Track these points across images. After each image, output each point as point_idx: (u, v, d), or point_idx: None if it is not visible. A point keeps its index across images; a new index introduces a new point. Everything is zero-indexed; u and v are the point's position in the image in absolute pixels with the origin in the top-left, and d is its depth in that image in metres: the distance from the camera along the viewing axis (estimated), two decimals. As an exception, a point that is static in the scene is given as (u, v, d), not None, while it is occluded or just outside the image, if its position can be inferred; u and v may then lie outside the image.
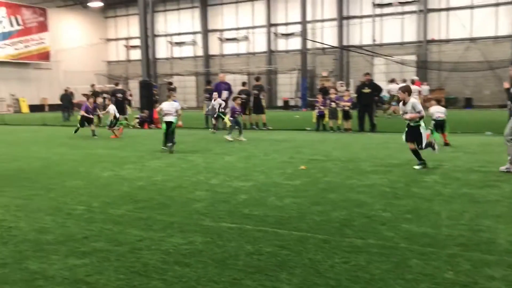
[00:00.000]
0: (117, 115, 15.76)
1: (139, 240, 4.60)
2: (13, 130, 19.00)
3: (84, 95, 19.43)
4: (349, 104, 15.71)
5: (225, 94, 17.21)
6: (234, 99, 15.20)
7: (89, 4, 43.10)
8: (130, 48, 45.88)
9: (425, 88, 27.25)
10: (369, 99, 15.70)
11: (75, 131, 15.53)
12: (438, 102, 12.33)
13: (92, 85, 24.42)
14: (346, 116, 15.77)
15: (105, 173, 8.48)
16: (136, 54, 43.66)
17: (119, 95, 19.88)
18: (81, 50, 43.69)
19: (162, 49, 43.95)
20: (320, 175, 7.91)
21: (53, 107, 37.17)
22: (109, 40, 47.56)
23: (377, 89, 16.15)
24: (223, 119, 15.26)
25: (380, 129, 15.63)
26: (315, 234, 4.70)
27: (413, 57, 33.35)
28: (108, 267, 3.91)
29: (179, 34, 43.49)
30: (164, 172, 8.47)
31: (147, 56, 20.71)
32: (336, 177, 7.73)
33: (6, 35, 37.84)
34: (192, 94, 42.61)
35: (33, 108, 37.94)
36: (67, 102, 26.07)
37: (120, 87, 21.78)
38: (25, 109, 38.38)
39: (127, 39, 46.14)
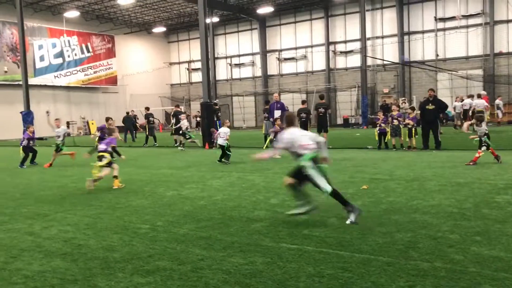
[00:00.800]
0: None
1: (200, 259, 4.66)
2: (83, 151, 20.02)
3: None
4: (412, 122, 15.25)
5: (277, 113, 17.30)
6: (275, 120, 15.71)
7: (153, 30, 45.18)
8: (192, 70, 47.36)
9: (499, 102, 26.13)
10: (433, 116, 15.17)
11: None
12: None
13: (177, 106, 24.93)
14: (410, 133, 15.31)
15: (169, 192, 8.72)
16: (197, 77, 45.04)
17: (151, 118, 22.93)
18: (146, 74, 45.66)
19: (222, 71, 44.98)
20: (383, 195, 7.70)
21: (120, 129, 38.86)
22: (172, 63, 49.36)
23: (441, 105, 15.57)
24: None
25: (445, 147, 15.03)
26: (378, 257, 4.55)
27: (479, 71, 31.98)
28: (171, 286, 3.99)
29: (238, 55, 44.38)
30: (225, 192, 8.58)
31: (208, 78, 21.25)
32: (399, 197, 7.49)
33: (78, 62, 40.31)
34: (251, 114, 43.15)
35: (102, 130, 39.80)
36: (129, 124, 26.87)
37: (179, 109, 22.92)
38: (94, 131, 40.43)
39: (188, 62, 47.68)
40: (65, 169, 13.13)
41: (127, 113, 28.27)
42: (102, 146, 9.91)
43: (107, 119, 15.14)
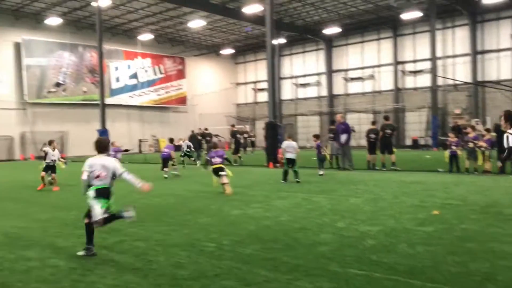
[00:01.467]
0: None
1: (266, 281, 4.66)
2: (153, 168, 20.79)
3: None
4: (485, 144, 14.48)
5: (343, 138, 17.01)
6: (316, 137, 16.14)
7: (221, 52, 46.50)
8: (258, 91, 48.05)
9: None
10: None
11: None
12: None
13: (232, 125, 25.59)
14: (484, 157, 14.53)
15: (234, 211, 8.82)
16: (263, 96, 45.57)
17: (239, 135, 23.05)
18: (213, 94, 46.93)
19: (287, 91, 45.25)
20: (456, 222, 7.33)
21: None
22: (238, 84, 50.39)
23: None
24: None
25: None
26: (452, 287, 4.33)
27: None
28: (237, 306, 4.01)
29: (304, 75, 44.53)
30: (290, 213, 8.55)
31: (274, 98, 21.46)
32: (474, 224, 7.10)
33: (151, 83, 42.24)
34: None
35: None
36: (195, 143, 27.16)
37: (235, 128, 23.60)
38: (162, 148, 41.92)
39: (255, 82, 48.45)
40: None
41: (192, 131, 28.56)
42: (218, 160, 11.91)
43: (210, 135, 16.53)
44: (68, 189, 13.32)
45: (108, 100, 34.75)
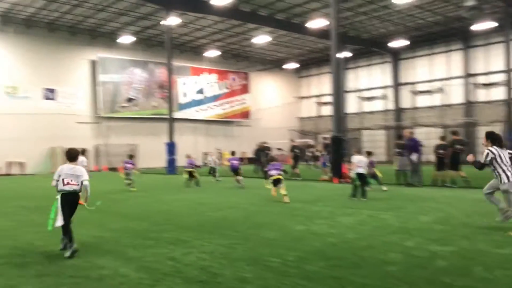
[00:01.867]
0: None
1: (332, 300, 4.57)
2: (219, 181, 21.16)
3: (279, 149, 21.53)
4: None
5: (414, 157, 16.40)
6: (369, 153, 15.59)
7: (285, 66, 46.81)
8: (321, 104, 47.75)
9: None
10: None
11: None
12: None
13: (264, 143, 25.53)
14: None
15: (298, 226, 8.75)
16: (327, 110, 45.21)
17: (297, 150, 22.64)
18: (277, 108, 47.22)
19: (352, 104, 44.62)
20: (537, 245, 6.84)
21: (251, 160, 40.40)
22: (302, 98, 50.38)
23: None
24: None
25: None
26: (535, 317, 4.02)
27: None
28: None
29: (369, 89, 43.76)
30: (356, 230, 8.36)
31: (338, 111, 21.22)
32: (558, 249, 6.58)
33: (216, 97, 43.31)
34: (381, 148, 41.81)
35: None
36: (262, 156, 27.40)
37: (266, 144, 23.59)
38: (228, 162, 42.62)
39: (318, 96, 48.22)
40: (203, 198, 13.96)
41: (258, 145, 28.62)
42: (274, 172, 12.95)
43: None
44: (141, 200, 13.85)
45: (176, 114, 35.91)
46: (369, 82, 43.90)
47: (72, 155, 7.24)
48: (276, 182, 12.76)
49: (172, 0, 28.35)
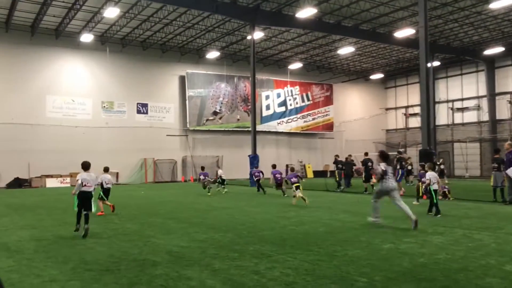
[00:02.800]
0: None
1: (424, 326, 4.30)
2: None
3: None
4: None
5: (510, 171, 15.13)
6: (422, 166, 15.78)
7: (370, 77, 45.77)
8: (409, 116, 46.01)
9: None
10: None
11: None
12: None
13: (366, 154, 24.54)
14: None
15: (386, 245, 8.42)
16: (415, 122, 43.46)
17: (370, 164, 21.54)
18: (361, 120, 46.21)
19: (442, 116, 42.53)
20: None
21: (333, 173, 39.78)
22: (388, 109, 48.90)
23: None
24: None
25: None
26: None
27: None
28: None
29: (461, 99, 41.43)
30: (448, 250, 7.87)
31: (428, 124, 20.28)
32: None
33: (299, 110, 43.33)
34: (475, 162, 39.34)
35: (317, 173, 41.45)
36: (348, 169, 26.63)
37: (368, 157, 22.83)
38: (310, 174, 42.36)
39: (406, 107, 46.54)
40: (287, 211, 13.95)
41: (346, 158, 27.83)
42: (294, 179, 16.25)
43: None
44: (225, 211, 14.15)
45: (259, 127, 36.45)
46: (461, 92, 41.57)
47: (86, 166, 10.25)
48: (297, 188, 15.89)
49: (256, 15, 28.99)
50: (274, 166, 21.53)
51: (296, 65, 40.98)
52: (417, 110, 44.67)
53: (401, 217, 12.43)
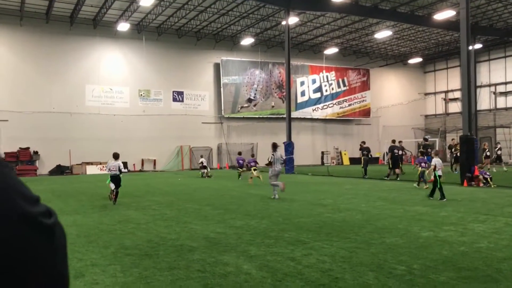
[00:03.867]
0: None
1: (465, 316, 4.20)
2: (337, 182, 20.90)
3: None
4: None
5: None
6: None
7: (409, 61, 44.62)
8: (449, 101, 44.72)
9: None
10: None
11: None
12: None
13: (393, 141, 23.51)
14: None
15: (424, 232, 8.26)
16: (455, 107, 42.24)
17: (396, 151, 21.42)
18: (399, 105, 45.26)
19: (484, 101, 41.11)
20: None
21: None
22: (427, 94, 47.67)
23: None
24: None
25: None
26: None
27: None
28: None
29: (505, 83, 39.87)
30: (490, 239, 7.64)
31: (469, 109, 19.63)
32: None
33: (334, 96, 42.78)
34: (521, 149, 37.96)
35: (353, 160, 40.96)
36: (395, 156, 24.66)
37: (395, 144, 22.39)
38: (346, 161, 41.94)
39: (445, 92, 45.23)
40: (323, 199, 13.87)
41: (393, 141, 25.99)
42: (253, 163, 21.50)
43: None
44: (260, 198, 14.20)
45: (294, 114, 36.25)
46: (504, 75, 39.98)
47: (115, 156, 13.54)
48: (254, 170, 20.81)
49: (292, 0, 28.64)
50: (239, 153, 25.65)
51: (331, 50, 40.36)
52: (457, 95, 43.35)
53: (439, 204, 12.16)
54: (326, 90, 42.57)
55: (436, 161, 13.34)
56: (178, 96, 36.96)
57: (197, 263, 6.22)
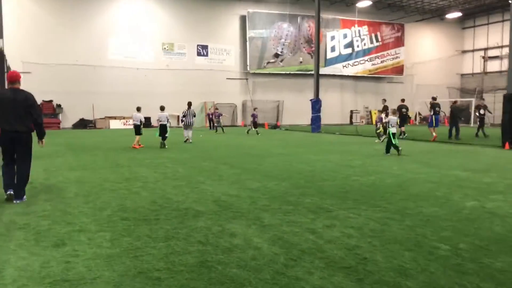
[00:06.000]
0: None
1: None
2: (366, 141, 19.68)
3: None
4: None
5: None
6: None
7: (446, 16, 41.86)
8: (488, 59, 42.05)
9: None
10: None
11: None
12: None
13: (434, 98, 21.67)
14: None
15: (468, 202, 7.12)
16: (494, 66, 39.71)
17: (404, 110, 20.89)
18: (434, 63, 42.91)
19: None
20: None
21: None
22: (464, 51, 44.99)
23: None
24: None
25: None
26: None
27: None
28: None
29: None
30: (549, 212, 6.46)
31: (515, 66, 17.83)
32: None
33: (366, 52, 40.70)
34: None
35: (383, 120, 39.17)
36: (458, 113, 22.08)
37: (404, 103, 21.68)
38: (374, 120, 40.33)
39: (485, 49, 42.50)
40: (350, 160, 12.77)
41: (454, 102, 22.81)
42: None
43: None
44: (283, 158, 13.21)
45: (323, 70, 34.68)
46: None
47: (162, 108, 16.89)
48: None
49: None
50: (255, 109, 26.52)
51: (365, 3, 37.95)
52: (497, 52, 40.67)
53: (482, 169, 10.89)
54: (358, 46, 40.49)
55: (391, 118, 13.98)
56: (202, 50, 35.73)
57: (200, 233, 5.30)
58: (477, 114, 23.31)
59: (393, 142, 13.73)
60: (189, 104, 19.42)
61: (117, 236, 5.17)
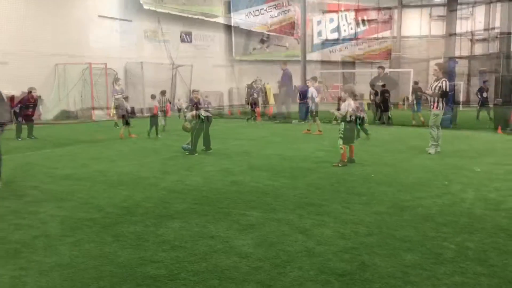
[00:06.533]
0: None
1: None
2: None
3: None
4: None
5: None
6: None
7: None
8: (475, 42, 41.69)
9: None
10: None
11: None
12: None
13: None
14: None
15: (468, 192, 6.60)
16: (480, 49, 39.43)
17: (387, 95, 19.96)
18: (422, 46, 42.54)
19: (515, 41, 38.08)
20: None
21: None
22: (452, 35, 44.56)
23: None
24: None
25: None
26: None
27: None
28: None
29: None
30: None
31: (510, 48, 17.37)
32: None
33: (353, 36, 40.18)
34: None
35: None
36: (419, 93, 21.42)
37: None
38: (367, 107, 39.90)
39: (472, 32, 42.11)
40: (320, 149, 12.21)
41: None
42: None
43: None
44: (276, 146, 12.61)
45: (310, 56, 34.06)
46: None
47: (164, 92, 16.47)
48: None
49: None
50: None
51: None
52: (485, 35, 40.31)
53: (479, 156, 10.39)
54: (345, 31, 39.84)
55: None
56: (186, 37, 34.80)
57: (172, 235, 4.71)
58: (479, 96, 23.18)
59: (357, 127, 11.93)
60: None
61: (83, 241, 4.56)
